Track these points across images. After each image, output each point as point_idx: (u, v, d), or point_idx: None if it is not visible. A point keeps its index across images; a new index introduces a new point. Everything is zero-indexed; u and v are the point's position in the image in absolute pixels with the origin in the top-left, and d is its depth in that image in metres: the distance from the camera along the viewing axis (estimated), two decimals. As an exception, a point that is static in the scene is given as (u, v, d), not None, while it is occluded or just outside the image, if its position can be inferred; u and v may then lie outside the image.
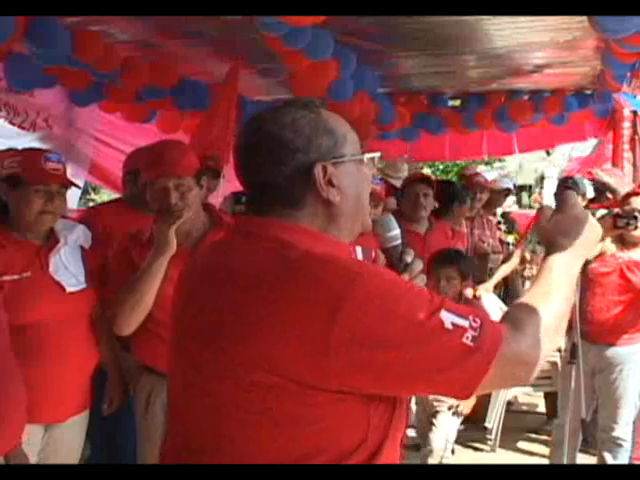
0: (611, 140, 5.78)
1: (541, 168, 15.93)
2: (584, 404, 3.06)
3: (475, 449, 4.25)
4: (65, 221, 2.42)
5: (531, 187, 16.03)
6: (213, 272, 1.15)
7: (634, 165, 5.64)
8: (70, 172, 4.21)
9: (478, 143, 6.22)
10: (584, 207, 4.58)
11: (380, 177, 4.48)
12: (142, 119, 4.82)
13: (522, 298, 1.13)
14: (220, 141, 3.84)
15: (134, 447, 2.45)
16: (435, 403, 3.24)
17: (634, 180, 5.50)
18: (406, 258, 1.24)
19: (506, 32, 3.68)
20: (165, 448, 1.22)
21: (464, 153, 6.70)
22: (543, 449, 4.24)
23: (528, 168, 16.25)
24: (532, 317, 1.08)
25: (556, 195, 4.64)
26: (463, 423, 3.51)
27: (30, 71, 3.54)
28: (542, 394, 4.75)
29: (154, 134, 4.59)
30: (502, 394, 4.25)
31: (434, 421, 3.24)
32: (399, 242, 1.26)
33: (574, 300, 3.35)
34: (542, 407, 4.82)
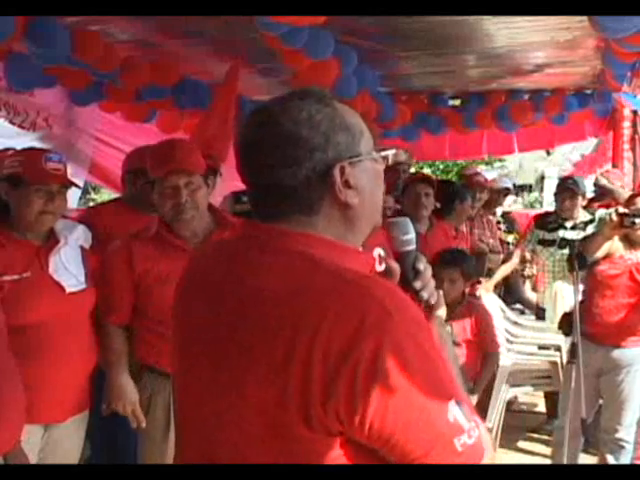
0: (611, 140, 5.78)
1: (541, 168, 15.92)
2: (584, 404, 3.06)
3: (475, 449, 4.24)
4: (65, 221, 2.41)
5: (531, 187, 16.02)
6: (229, 286, 1.04)
7: (634, 165, 5.64)
8: (70, 172, 4.21)
9: (478, 143, 6.22)
10: (584, 207, 4.61)
11: None
12: (142, 119, 4.82)
13: None
14: (217, 140, 3.83)
15: (134, 447, 2.45)
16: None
17: (634, 180, 5.51)
18: (419, 265, 1.16)
19: (506, 32, 3.68)
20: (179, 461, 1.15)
21: (464, 153, 6.70)
22: (543, 449, 4.24)
23: (528, 168, 16.23)
24: None
25: (556, 195, 4.62)
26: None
27: (30, 71, 3.54)
28: (542, 394, 4.75)
29: (154, 134, 4.59)
30: (502, 393, 4.24)
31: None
32: (413, 247, 1.16)
33: (574, 300, 3.36)
34: (542, 407, 4.82)
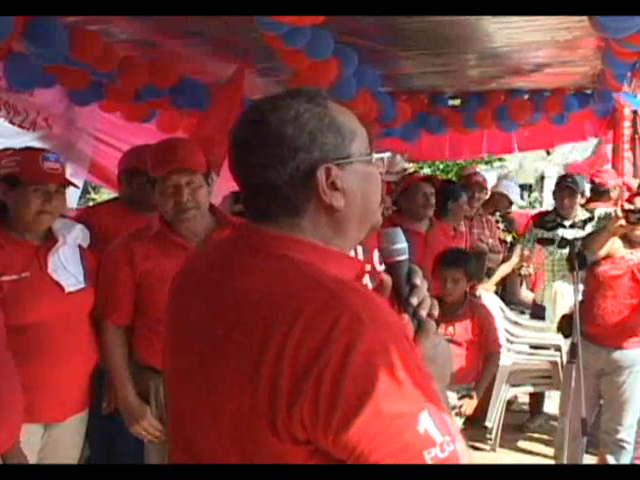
0: (611, 140, 5.77)
1: (541, 168, 15.92)
2: (584, 404, 3.06)
3: (475, 448, 4.25)
4: (64, 220, 2.41)
5: (531, 187, 16.01)
6: (212, 286, 1.05)
7: (634, 165, 5.64)
8: (70, 171, 4.23)
9: (478, 142, 6.21)
10: (582, 205, 4.61)
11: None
12: (142, 119, 4.81)
13: None
14: (217, 140, 3.81)
15: (134, 447, 2.45)
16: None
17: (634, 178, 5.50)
18: (415, 280, 1.10)
19: (506, 32, 3.68)
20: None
21: (464, 152, 6.69)
22: (543, 448, 4.24)
23: (528, 168, 16.23)
24: None
25: (554, 193, 4.63)
26: (463, 422, 3.51)
27: (30, 70, 3.53)
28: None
29: (154, 134, 4.59)
30: (502, 393, 4.25)
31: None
32: (405, 257, 1.12)
33: (574, 300, 3.35)
34: (543, 406, 4.82)
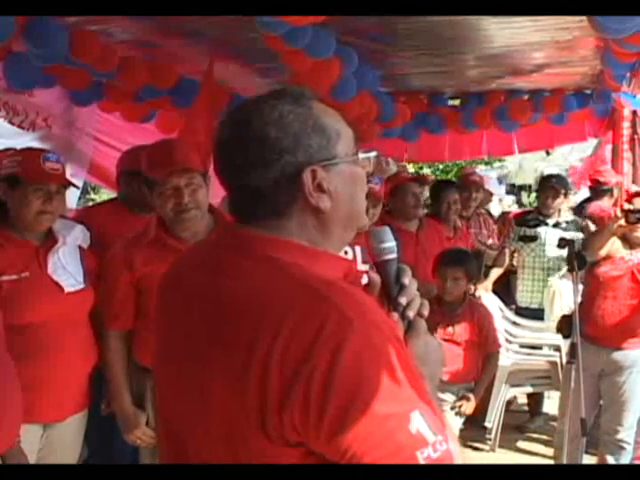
0: (610, 140, 5.77)
1: (541, 168, 15.91)
2: (584, 404, 3.06)
3: (475, 449, 4.25)
4: (64, 221, 2.41)
5: (530, 187, 16.01)
6: (197, 288, 1.04)
7: (634, 165, 5.63)
8: (70, 172, 4.22)
9: (478, 144, 6.21)
10: (579, 205, 4.62)
11: (379, 176, 4.48)
12: (141, 119, 4.81)
13: None
14: (204, 141, 3.77)
15: (132, 447, 2.45)
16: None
17: (634, 180, 5.50)
18: (403, 279, 1.09)
19: (506, 32, 3.67)
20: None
21: (464, 154, 6.68)
22: (542, 449, 4.24)
23: (528, 168, 16.22)
24: None
25: (538, 192, 4.67)
26: (463, 422, 3.51)
27: (29, 71, 3.52)
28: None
29: (153, 134, 4.58)
30: (502, 393, 4.25)
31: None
32: (394, 256, 1.11)
33: (574, 301, 3.35)
34: (542, 406, 4.82)
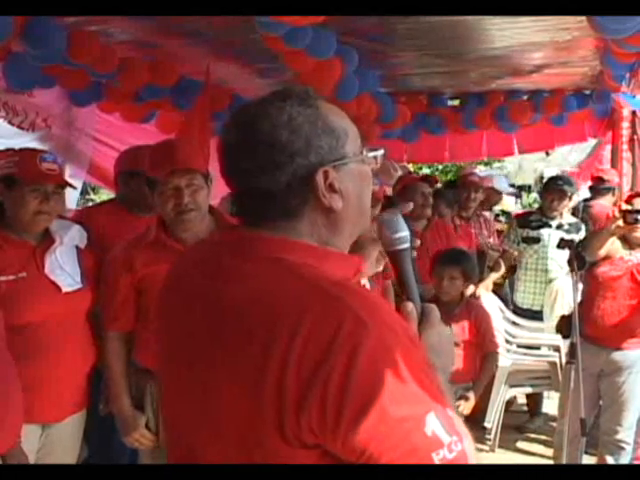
0: (610, 140, 5.78)
1: (541, 168, 15.90)
2: (583, 404, 3.06)
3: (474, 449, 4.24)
4: (61, 221, 2.40)
5: (530, 187, 16.00)
6: (202, 290, 1.03)
7: (633, 165, 5.64)
8: (69, 172, 4.23)
9: (477, 145, 6.21)
10: (579, 205, 4.60)
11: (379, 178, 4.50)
12: (141, 119, 4.81)
13: None
14: (201, 142, 3.77)
15: (131, 447, 2.45)
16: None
17: (633, 181, 5.51)
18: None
19: (506, 32, 3.67)
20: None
21: (464, 155, 6.69)
22: (542, 449, 4.24)
23: (528, 168, 16.22)
24: None
25: (542, 193, 4.66)
26: (462, 422, 3.50)
27: (29, 71, 3.52)
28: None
29: (153, 134, 4.58)
30: (501, 394, 4.24)
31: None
32: (407, 245, 1.10)
33: (574, 301, 3.35)
34: (542, 407, 4.81)
